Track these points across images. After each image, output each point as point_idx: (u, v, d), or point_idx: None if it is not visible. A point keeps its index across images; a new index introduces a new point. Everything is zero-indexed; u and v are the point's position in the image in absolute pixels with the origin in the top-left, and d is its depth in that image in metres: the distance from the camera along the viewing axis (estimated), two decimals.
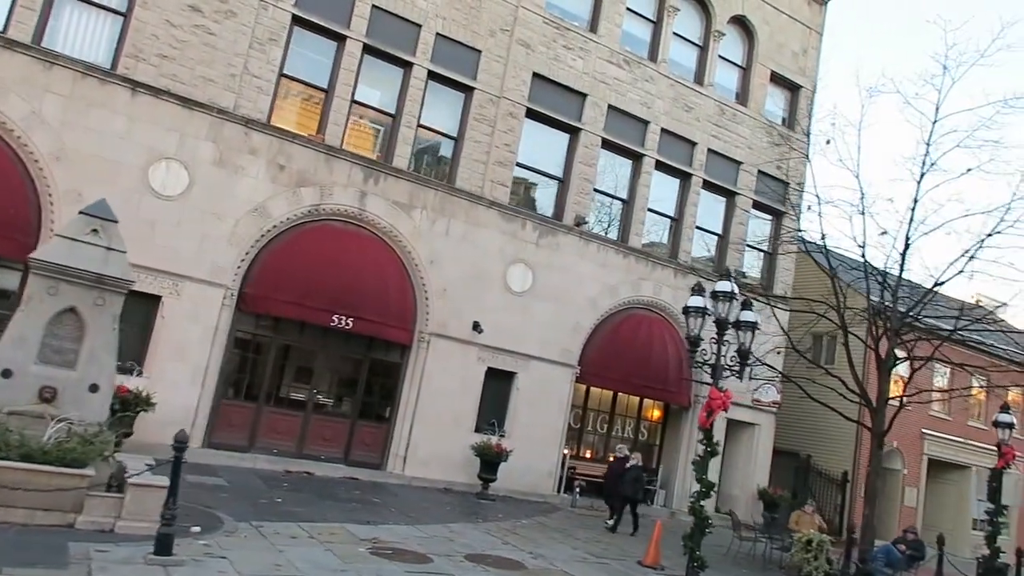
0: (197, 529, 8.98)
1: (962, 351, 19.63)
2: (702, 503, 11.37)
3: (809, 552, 13.40)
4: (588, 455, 20.08)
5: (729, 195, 21.55)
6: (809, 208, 18.50)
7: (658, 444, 21.13)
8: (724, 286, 11.82)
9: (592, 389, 19.95)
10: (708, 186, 21.16)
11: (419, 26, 17.00)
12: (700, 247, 21.51)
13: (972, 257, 15.80)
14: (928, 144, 16.20)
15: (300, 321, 15.54)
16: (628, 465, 15.40)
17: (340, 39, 16.19)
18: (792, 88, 22.94)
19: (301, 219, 15.46)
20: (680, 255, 20.46)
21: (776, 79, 22.50)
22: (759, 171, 21.76)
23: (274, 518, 10.55)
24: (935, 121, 16.16)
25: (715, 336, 11.86)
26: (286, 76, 15.75)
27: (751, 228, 22.03)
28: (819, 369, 18.10)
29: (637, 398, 20.62)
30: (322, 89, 16.10)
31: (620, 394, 20.39)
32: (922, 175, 16.19)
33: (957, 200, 22.65)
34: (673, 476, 20.42)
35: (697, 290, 11.97)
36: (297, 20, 15.75)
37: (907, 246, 16.28)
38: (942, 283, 16.02)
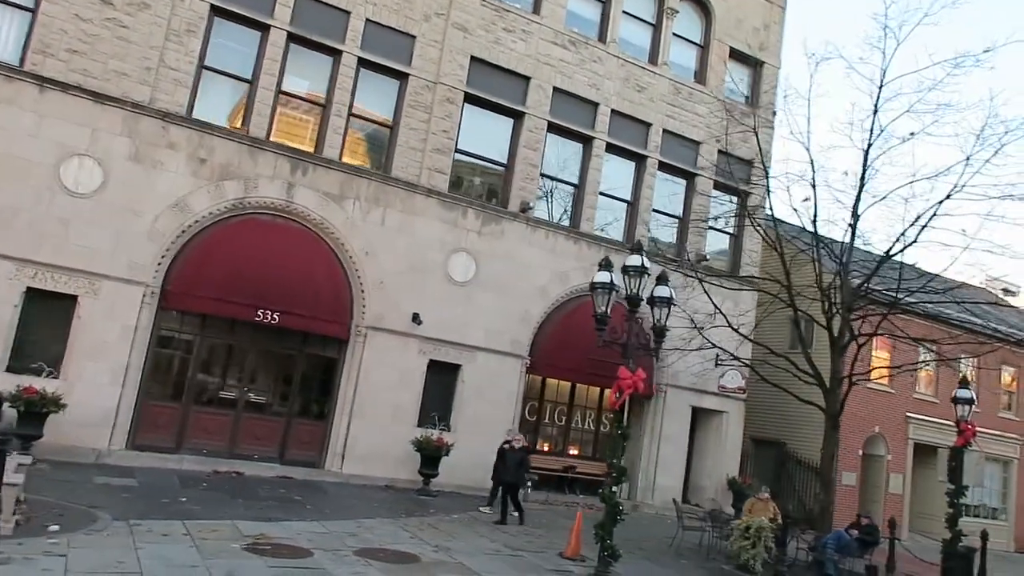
0: (55, 528, 8.65)
1: (926, 324, 18.80)
2: (614, 489, 10.82)
3: (747, 539, 12.79)
4: (546, 448, 19.54)
5: (688, 176, 20.92)
6: (770, 190, 17.74)
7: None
8: (634, 260, 11.28)
9: (549, 380, 19.44)
10: (666, 168, 20.55)
11: (347, 13, 16.61)
12: (663, 231, 20.92)
13: (924, 226, 15.14)
14: (876, 110, 15.57)
15: (228, 318, 15.20)
16: (510, 447, 14.33)
17: (263, 28, 15.84)
18: (754, 64, 22.22)
19: (225, 213, 15.12)
20: (637, 239, 19.81)
21: (736, 56, 21.80)
22: (720, 151, 21.03)
23: (162, 517, 10.20)
24: (881, 86, 15.52)
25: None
26: (207, 68, 15.42)
27: (715, 209, 21.36)
28: (792, 351, 17.49)
29: (597, 388, 20.05)
30: (246, 80, 15.76)
31: (580, 385, 19.85)
32: (869, 144, 15.56)
33: (908, 168, 21.91)
34: (636, 468, 19.79)
35: (604, 265, 11.45)
36: (217, 10, 15.42)
37: (856, 217, 15.65)
38: (893, 254, 15.36)
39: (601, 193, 19.60)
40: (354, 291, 16.25)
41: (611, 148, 19.73)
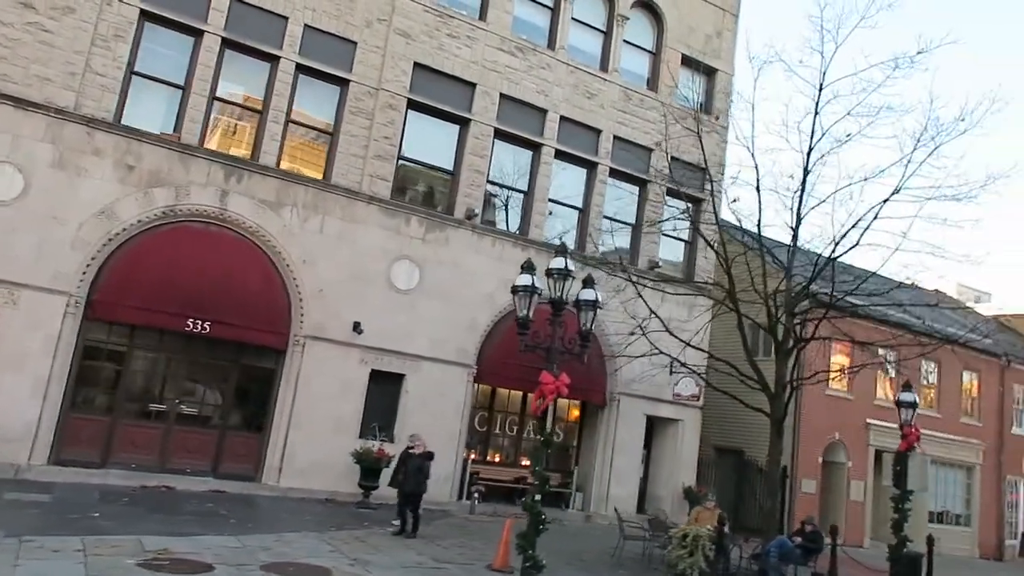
0: None
1: (874, 327, 18.62)
2: (536, 497, 10.48)
3: (684, 548, 12.50)
4: (497, 459, 19.20)
5: (641, 183, 20.76)
6: (715, 195, 17.60)
7: (575, 445, 20.22)
8: (558, 263, 11.03)
9: (500, 390, 19.13)
10: (618, 174, 20.39)
11: (285, 18, 16.36)
12: (617, 238, 20.70)
13: (866, 229, 15.02)
14: (816, 112, 15.47)
15: (158, 328, 14.80)
16: (411, 453, 13.46)
17: (197, 34, 15.55)
18: (707, 72, 22.16)
19: (155, 221, 14.74)
20: (588, 247, 19.65)
21: (689, 63, 21.73)
22: (672, 157, 20.88)
23: (63, 533, 9.75)
24: (820, 88, 15.43)
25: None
26: (137, 74, 15.10)
27: (670, 216, 21.18)
28: (758, 359, 17.14)
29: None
30: (178, 86, 15.44)
31: (532, 395, 19.52)
32: (811, 148, 15.44)
33: (854, 171, 21.68)
34: (590, 478, 19.49)
35: (526, 268, 11.18)
36: (147, 15, 15.13)
37: (799, 220, 15.52)
38: (835, 257, 15.20)
39: (551, 200, 19.41)
40: (292, 300, 15.90)
41: (561, 155, 19.56)
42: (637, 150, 20.59)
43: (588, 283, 11.30)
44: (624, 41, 20.85)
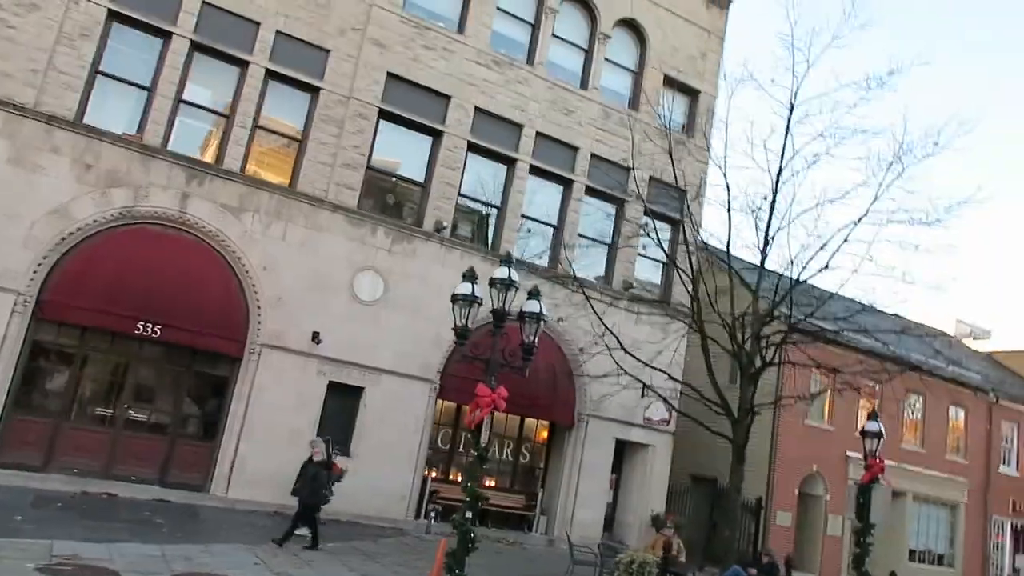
0: None
1: (845, 354, 18.17)
2: (467, 514, 10.11)
3: (630, 574, 12.06)
4: (460, 478, 18.73)
5: (618, 203, 20.51)
6: (684, 215, 17.34)
7: (542, 467, 19.78)
8: (501, 273, 10.75)
9: (465, 407, 18.72)
10: (595, 193, 20.15)
11: (257, 24, 16.27)
12: (592, 258, 20.41)
13: (835, 252, 14.73)
14: (787, 132, 15.26)
15: (109, 330, 14.54)
16: (312, 459, 12.83)
17: (165, 36, 15.46)
18: (690, 93, 22.01)
19: (112, 222, 14.54)
20: (560, 265, 19.36)
21: (672, 83, 21.55)
22: (652, 178, 20.65)
23: None
24: (792, 108, 15.21)
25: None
26: (102, 73, 14.99)
27: (633, 234, 20.85)
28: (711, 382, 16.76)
29: (517, 418, 19.38)
30: (143, 87, 15.32)
31: (498, 413, 19.12)
32: (780, 169, 15.21)
33: (827, 193, 21.24)
34: (555, 501, 19.02)
35: (468, 276, 10.90)
36: (115, 15, 15.05)
37: (767, 241, 15.25)
38: (802, 281, 14.90)
39: (525, 216, 19.17)
40: (250, 307, 15.63)
41: (537, 171, 19.34)
42: (615, 169, 20.31)
43: (533, 295, 11.01)
44: (606, 59, 20.71)
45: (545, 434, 20.04)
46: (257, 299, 15.66)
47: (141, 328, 14.23)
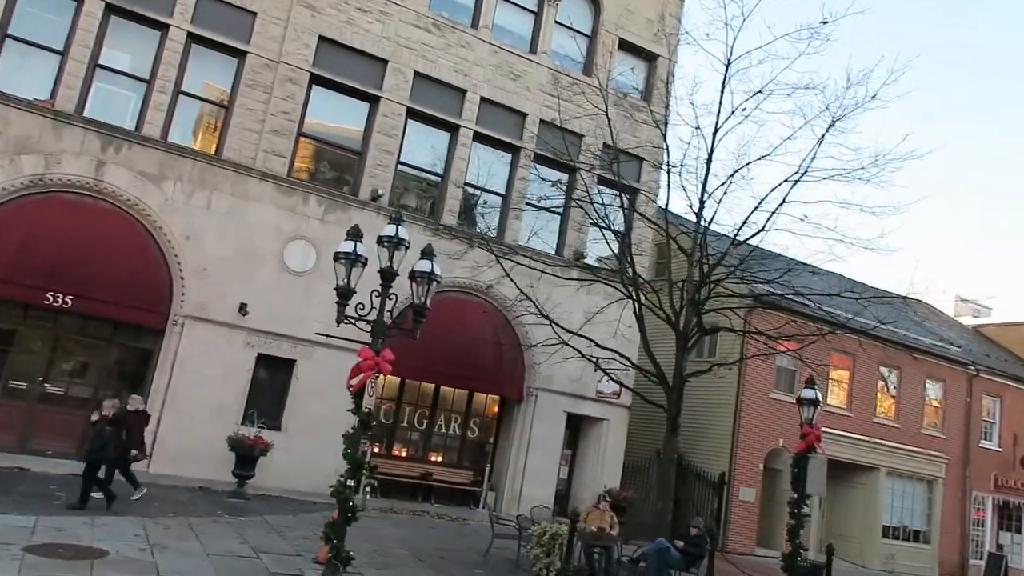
0: None
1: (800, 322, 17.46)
2: (348, 483, 9.64)
3: (542, 547, 11.57)
4: (404, 454, 18.32)
5: (570, 170, 19.86)
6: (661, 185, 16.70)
7: (492, 442, 19.29)
8: (389, 231, 10.22)
9: (410, 382, 18.29)
10: (545, 161, 19.51)
11: None
12: (548, 230, 19.82)
13: (774, 212, 14.08)
14: (723, 90, 14.60)
15: (20, 302, 14.13)
16: (94, 420, 12.07)
17: None
18: (648, 58, 21.30)
19: (21, 191, 14.10)
20: (507, 234, 18.80)
21: (627, 48, 20.87)
22: (605, 144, 19.98)
23: None
24: (728, 64, 14.54)
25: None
26: (10, 36, 14.51)
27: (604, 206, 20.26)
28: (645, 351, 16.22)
29: (466, 392, 18.89)
30: (55, 51, 14.82)
31: (446, 388, 18.68)
32: (716, 128, 14.56)
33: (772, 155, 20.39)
34: (503, 477, 18.55)
35: (352, 234, 10.38)
36: None
37: (703, 203, 14.62)
38: (739, 242, 14.28)
39: (468, 184, 18.60)
40: (173, 278, 15.19)
41: (483, 138, 18.74)
42: (568, 135, 19.66)
43: (426, 254, 10.46)
44: (556, 23, 20.01)
45: (496, 408, 19.54)
46: (180, 269, 15.21)
47: (51, 298, 13.81)
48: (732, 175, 14.08)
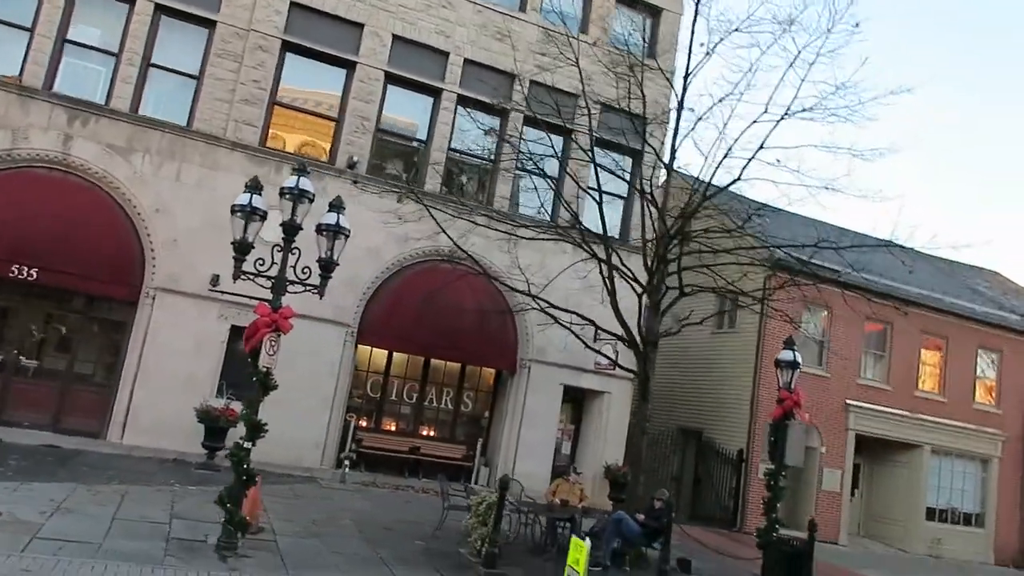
0: None
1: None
2: (248, 444, 9.22)
3: (478, 517, 10.92)
4: (392, 428, 17.92)
5: (566, 133, 18.94)
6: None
7: (488, 416, 18.67)
8: (290, 182, 9.74)
9: (398, 354, 17.86)
10: (537, 124, 18.63)
11: None
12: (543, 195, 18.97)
13: (751, 159, 12.89)
14: (693, 31, 13.45)
15: None
16: None
17: None
18: (652, 12, 20.12)
19: None
20: (496, 201, 18.09)
21: (627, 1, 19.74)
22: (607, 106, 18.92)
23: None
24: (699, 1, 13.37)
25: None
26: None
27: (604, 172, 19.26)
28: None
29: (457, 365, 18.33)
30: (23, 27, 14.96)
31: (436, 360, 18.17)
32: (687, 73, 13.42)
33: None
34: (497, 452, 17.93)
35: (250, 187, 9.94)
36: None
37: (674, 150, 13.55)
38: (710, 196, 13.14)
39: (453, 150, 17.96)
40: (144, 250, 15.17)
41: (468, 102, 18.04)
42: (561, 97, 18.76)
43: (335, 207, 9.93)
44: None
45: (492, 381, 18.92)
46: (151, 242, 15.19)
47: (16, 271, 13.96)
48: (705, 113, 12.97)
